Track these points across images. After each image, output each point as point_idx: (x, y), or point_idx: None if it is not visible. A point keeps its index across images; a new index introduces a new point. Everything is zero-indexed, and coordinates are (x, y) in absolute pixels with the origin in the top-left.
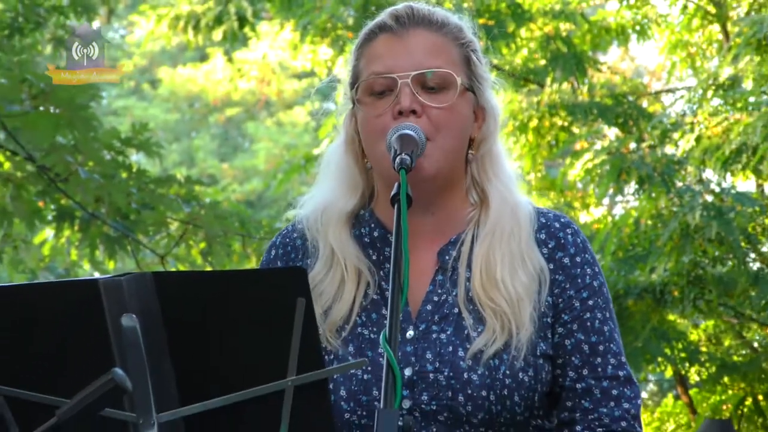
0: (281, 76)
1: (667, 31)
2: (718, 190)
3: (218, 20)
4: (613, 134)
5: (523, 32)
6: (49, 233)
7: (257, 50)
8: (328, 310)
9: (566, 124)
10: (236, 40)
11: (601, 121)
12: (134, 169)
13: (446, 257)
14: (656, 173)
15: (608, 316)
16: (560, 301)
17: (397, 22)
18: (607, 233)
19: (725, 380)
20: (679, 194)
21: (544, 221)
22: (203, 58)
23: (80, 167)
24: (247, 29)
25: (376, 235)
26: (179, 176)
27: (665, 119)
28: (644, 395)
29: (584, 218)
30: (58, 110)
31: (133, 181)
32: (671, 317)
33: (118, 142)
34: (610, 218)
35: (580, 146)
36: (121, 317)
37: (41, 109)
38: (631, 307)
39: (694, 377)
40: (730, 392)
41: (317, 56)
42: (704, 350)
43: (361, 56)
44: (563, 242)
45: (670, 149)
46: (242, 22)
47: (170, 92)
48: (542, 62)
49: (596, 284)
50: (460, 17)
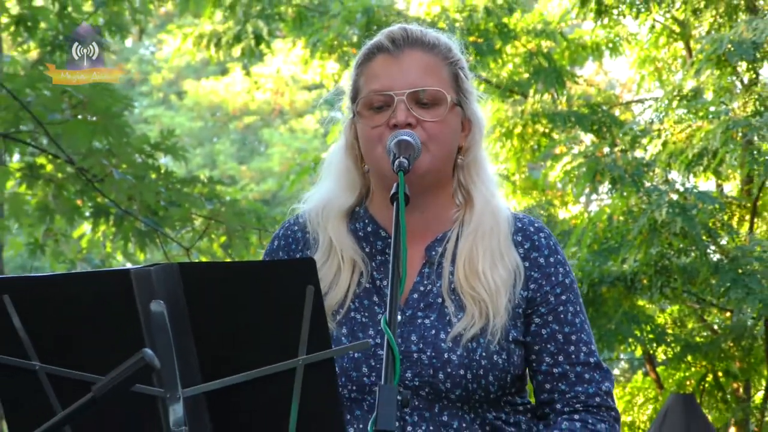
0: (293, 88)
1: (636, 48)
2: (682, 189)
3: (237, 38)
4: (588, 140)
5: (508, 49)
6: (86, 228)
7: (272, 65)
8: (324, 295)
9: (547, 130)
10: (253, 56)
11: (578, 128)
12: (162, 170)
13: (433, 252)
14: (627, 175)
15: (579, 309)
16: (537, 296)
17: (392, 43)
18: (583, 228)
19: (689, 359)
20: (647, 193)
21: (520, 225)
22: (224, 72)
23: (114, 169)
24: (263, 46)
25: (369, 230)
26: (202, 177)
27: (635, 126)
28: (616, 372)
29: (563, 215)
30: (94, 118)
31: (161, 181)
32: (641, 303)
33: (148, 146)
34: (586, 215)
35: (559, 150)
36: (150, 303)
37: (80, 117)
38: (605, 293)
39: (661, 356)
40: (693, 369)
41: (325, 70)
42: (670, 332)
43: (361, 74)
44: (537, 244)
45: (639, 153)
46: (258, 40)
47: (194, 102)
48: (526, 75)
49: (568, 281)
50: (449, 37)
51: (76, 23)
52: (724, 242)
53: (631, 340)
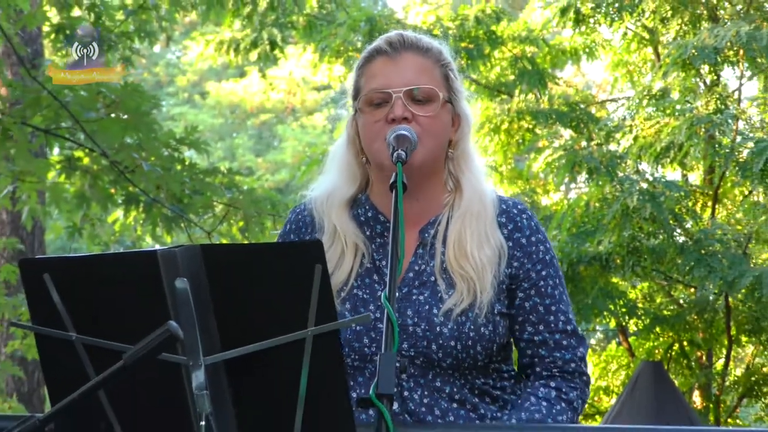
0: (304, 88)
1: (610, 52)
2: (651, 179)
3: (254, 44)
4: (568, 134)
5: (496, 54)
6: (119, 214)
7: (285, 68)
8: (330, 275)
9: (531, 126)
10: (268, 60)
11: (558, 124)
12: (187, 162)
13: (426, 234)
14: (602, 166)
15: (558, 282)
16: (520, 272)
17: (390, 46)
18: (563, 213)
19: (657, 330)
20: (620, 182)
21: (504, 207)
22: (242, 74)
23: (144, 161)
24: (277, 51)
25: (370, 215)
26: (223, 168)
27: (609, 123)
28: (592, 342)
29: (545, 201)
30: (126, 116)
31: (185, 172)
32: (614, 280)
33: (174, 141)
34: (565, 201)
35: (542, 144)
36: (174, 281)
37: (113, 115)
38: (582, 272)
39: (632, 327)
40: (661, 339)
41: (332, 73)
42: (640, 306)
43: (362, 74)
44: (520, 225)
45: (613, 146)
46: (273, 45)
47: (216, 102)
48: (512, 77)
49: (548, 258)
50: (440, 42)
51: (109, 31)
52: (688, 226)
53: (606, 313)
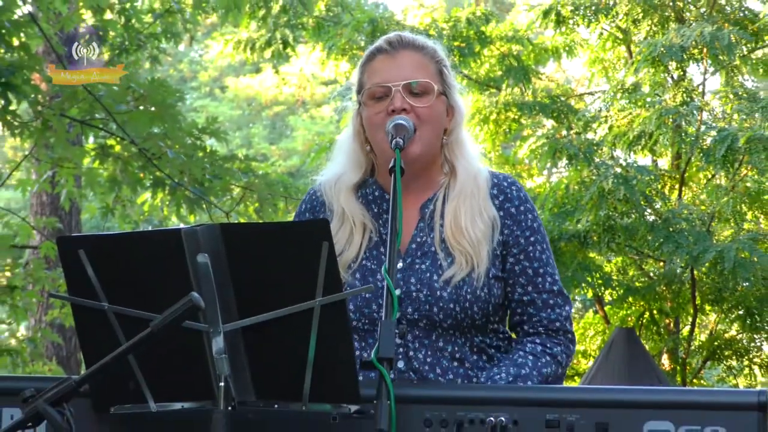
0: (313, 83)
1: (588, 50)
2: (624, 164)
3: (268, 43)
4: (549, 124)
5: (485, 52)
6: (147, 196)
7: (296, 65)
8: (341, 253)
9: (517, 117)
10: (281, 57)
11: (541, 115)
12: (208, 150)
13: (426, 210)
14: (581, 152)
15: (545, 247)
16: (510, 239)
17: (390, 45)
18: (546, 195)
19: (630, 300)
20: (596, 167)
21: (496, 181)
22: (258, 70)
23: (169, 149)
24: (288, 50)
25: (376, 194)
26: (240, 155)
27: (587, 114)
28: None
29: (530, 184)
30: (153, 108)
31: (206, 158)
32: (591, 255)
33: (196, 131)
34: (548, 184)
35: (526, 133)
36: (196, 256)
37: (141, 107)
38: (563, 247)
39: (607, 297)
40: (633, 308)
41: (339, 69)
42: (615, 278)
43: (364, 72)
44: (510, 196)
45: (590, 135)
46: (285, 44)
47: (234, 95)
48: (499, 73)
49: (535, 225)
50: (434, 41)
51: (138, 32)
52: (658, 206)
53: (584, 284)
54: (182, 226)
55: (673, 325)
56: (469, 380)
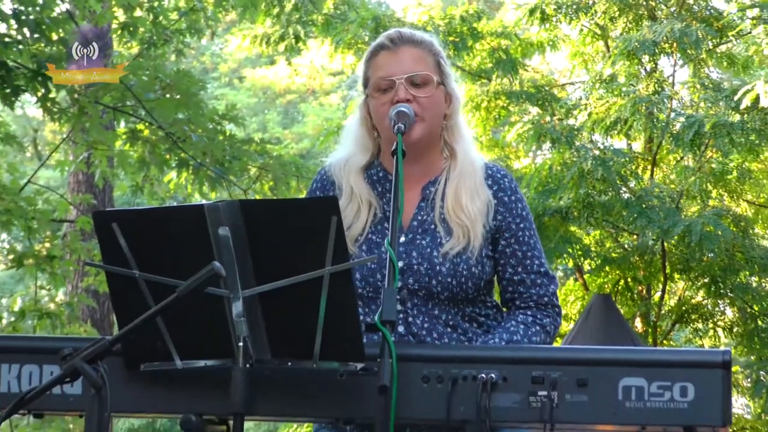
0: (322, 74)
1: (569, 45)
2: (602, 147)
3: (281, 38)
4: (535, 111)
5: (477, 46)
6: (173, 175)
7: (307, 57)
8: (349, 227)
9: (505, 105)
10: (293, 51)
11: (527, 102)
12: (227, 134)
13: (427, 191)
14: (563, 137)
15: (533, 233)
16: (502, 225)
17: (391, 42)
18: (531, 175)
19: (606, 269)
20: (577, 150)
21: (490, 172)
22: (272, 62)
23: (193, 133)
24: (300, 44)
25: (381, 175)
26: (256, 139)
27: (568, 102)
28: None
29: (517, 165)
30: (178, 96)
31: (226, 141)
32: (572, 228)
33: (217, 116)
34: (533, 165)
35: (514, 119)
36: (218, 229)
37: (167, 96)
38: (546, 222)
39: (586, 267)
40: (609, 276)
41: (345, 61)
42: (593, 249)
43: (369, 66)
44: (503, 186)
45: (571, 121)
46: (297, 39)
47: (251, 84)
48: (490, 65)
49: (524, 213)
50: (430, 35)
51: (165, 28)
52: (632, 185)
53: (565, 255)
54: (205, 202)
55: (645, 291)
56: (461, 344)
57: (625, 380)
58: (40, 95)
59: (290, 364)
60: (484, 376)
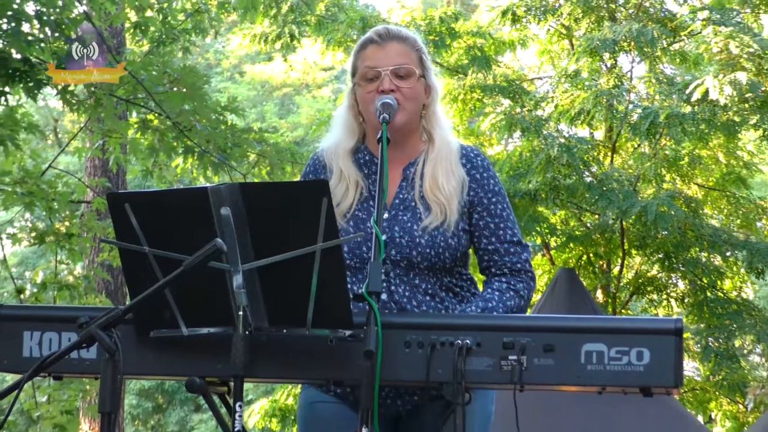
0: (315, 69)
1: (538, 43)
2: (567, 135)
3: (278, 37)
4: (507, 103)
5: (455, 44)
6: (180, 161)
7: (301, 54)
8: (338, 204)
9: (480, 97)
10: (289, 48)
11: (500, 95)
12: (229, 123)
13: (408, 172)
14: (532, 126)
15: (505, 206)
16: (475, 200)
17: (379, 37)
18: (503, 160)
19: (571, 245)
20: (545, 138)
21: (464, 152)
22: (270, 59)
23: (198, 123)
24: (295, 42)
25: (367, 158)
26: (255, 128)
27: (537, 95)
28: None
29: (490, 152)
30: (185, 90)
31: (228, 131)
32: (540, 209)
33: (219, 108)
34: (505, 152)
35: (488, 110)
36: (220, 209)
37: (175, 89)
38: (517, 203)
39: (553, 243)
40: (573, 252)
41: (336, 58)
42: (559, 228)
43: (358, 58)
44: (475, 164)
45: (540, 112)
46: (292, 38)
47: (251, 79)
48: (466, 61)
49: (497, 188)
50: (415, 33)
51: (173, 27)
52: (594, 170)
53: (533, 233)
54: (208, 185)
55: (605, 266)
56: (438, 311)
57: (587, 346)
58: (60, 88)
59: (285, 331)
60: (460, 342)
